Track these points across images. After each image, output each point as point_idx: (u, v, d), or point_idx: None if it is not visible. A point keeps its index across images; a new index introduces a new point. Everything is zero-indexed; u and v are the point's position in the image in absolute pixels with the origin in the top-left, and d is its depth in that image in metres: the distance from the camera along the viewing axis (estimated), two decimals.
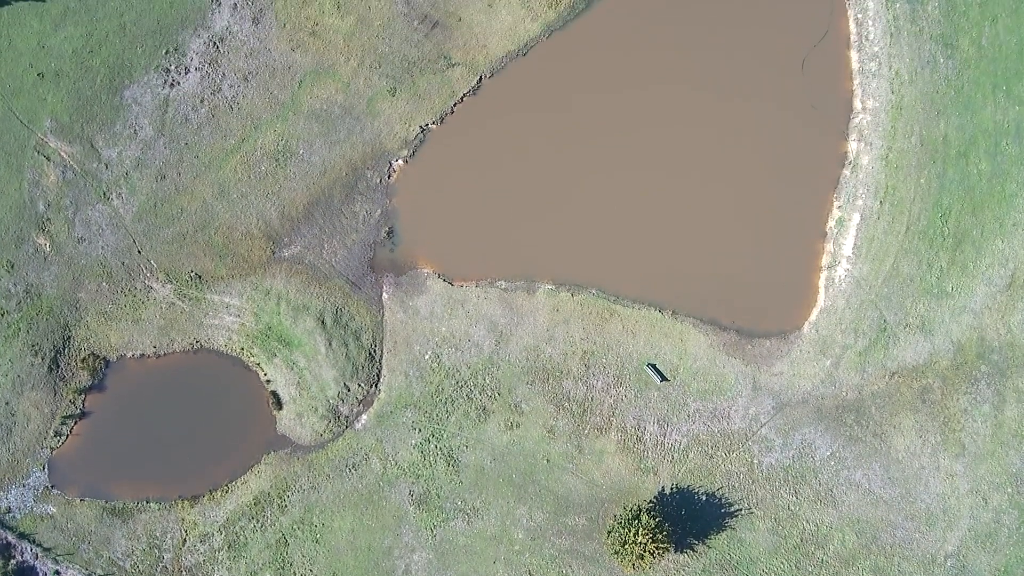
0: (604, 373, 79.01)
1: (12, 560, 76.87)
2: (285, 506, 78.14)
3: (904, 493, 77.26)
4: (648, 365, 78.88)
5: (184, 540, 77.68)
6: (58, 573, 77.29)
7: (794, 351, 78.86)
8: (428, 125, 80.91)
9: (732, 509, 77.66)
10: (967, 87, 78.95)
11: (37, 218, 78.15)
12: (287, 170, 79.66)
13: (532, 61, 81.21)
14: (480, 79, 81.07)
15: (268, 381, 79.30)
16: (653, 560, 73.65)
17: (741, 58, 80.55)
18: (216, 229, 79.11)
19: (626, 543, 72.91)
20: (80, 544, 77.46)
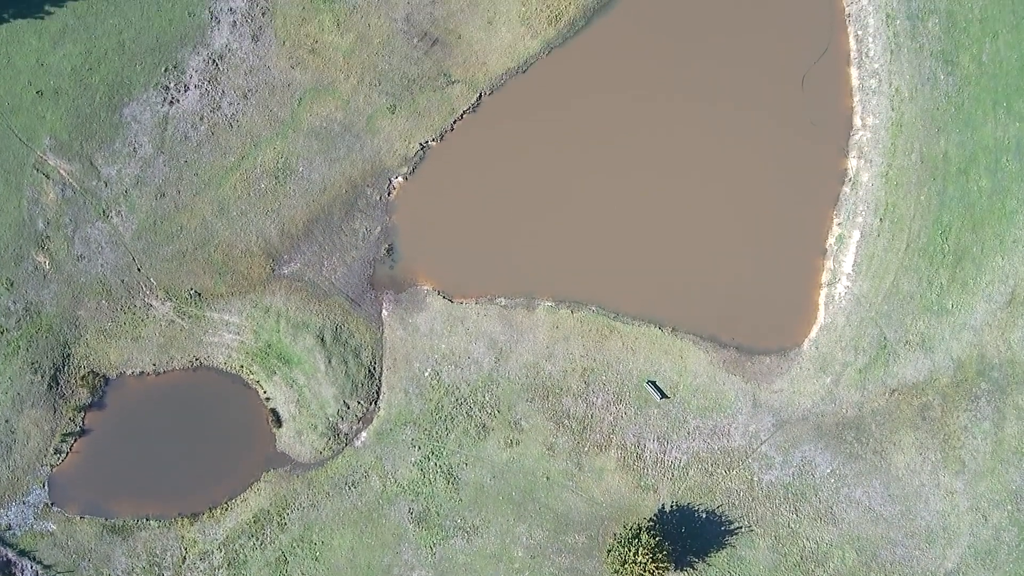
0: (604, 390, 78.96)
1: None
2: (284, 524, 78.16)
3: (904, 510, 77.22)
4: (648, 382, 78.84)
5: (184, 558, 77.70)
6: None
7: (794, 368, 78.81)
8: (428, 142, 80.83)
9: (732, 527, 77.63)
10: (967, 104, 78.81)
11: (36, 236, 78.11)
12: (287, 187, 79.58)
13: (532, 78, 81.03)
14: (480, 96, 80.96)
15: (268, 399, 79.29)
16: None
17: (741, 76, 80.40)
18: (216, 247, 79.04)
19: (626, 562, 72.79)
20: (80, 562, 77.47)
